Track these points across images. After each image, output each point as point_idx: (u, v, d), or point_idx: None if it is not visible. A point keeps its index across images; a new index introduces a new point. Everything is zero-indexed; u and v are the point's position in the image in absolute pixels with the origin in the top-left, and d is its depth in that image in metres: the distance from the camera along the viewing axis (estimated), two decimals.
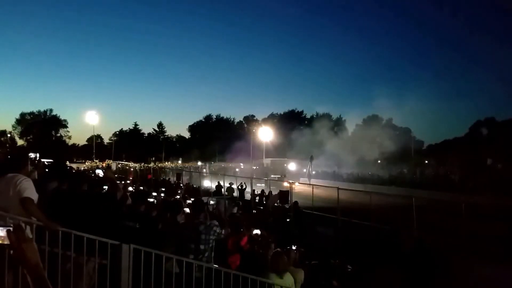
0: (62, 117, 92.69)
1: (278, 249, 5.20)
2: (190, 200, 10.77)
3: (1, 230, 1.57)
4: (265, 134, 67.83)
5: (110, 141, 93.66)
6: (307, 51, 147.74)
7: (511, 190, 25.05)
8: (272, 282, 4.68)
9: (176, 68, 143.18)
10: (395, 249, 9.60)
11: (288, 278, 4.92)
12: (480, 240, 10.18)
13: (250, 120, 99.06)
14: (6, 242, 1.56)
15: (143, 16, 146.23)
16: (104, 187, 6.61)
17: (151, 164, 56.10)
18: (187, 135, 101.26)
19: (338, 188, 14.52)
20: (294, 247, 6.63)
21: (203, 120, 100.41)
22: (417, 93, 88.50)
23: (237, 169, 55.63)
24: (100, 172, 6.62)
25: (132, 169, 40.71)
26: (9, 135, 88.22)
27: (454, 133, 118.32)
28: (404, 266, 8.13)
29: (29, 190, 4.02)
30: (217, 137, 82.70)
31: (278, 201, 17.31)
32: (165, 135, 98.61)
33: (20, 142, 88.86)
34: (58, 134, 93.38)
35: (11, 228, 1.56)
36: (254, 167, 59.32)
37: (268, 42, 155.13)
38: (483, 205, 17.06)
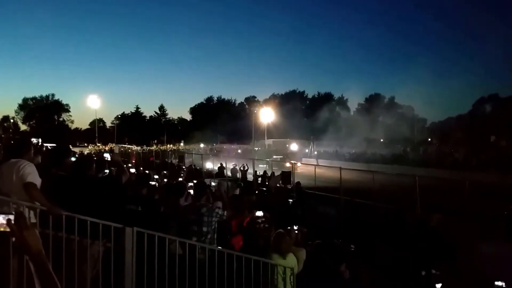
0: (64, 102, 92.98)
1: (281, 230, 5.19)
2: (192, 182, 10.75)
3: (2, 217, 1.56)
4: (267, 115, 67.52)
5: (112, 125, 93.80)
6: (308, 31, 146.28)
7: None
8: (275, 263, 4.69)
9: (177, 51, 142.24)
10: (398, 228, 9.62)
11: (291, 259, 4.94)
12: (484, 218, 10.17)
13: (251, 101, 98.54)
14: (8, 229, 1.54)
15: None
16: (106, 170, 6.60)
17: (153, 147, 56.28)
18: (188, 117, 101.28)
19: (341, 168, 14.47)
20: (295, 227, 6.64)
21: (204, 102, 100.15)
22: (420, 71, 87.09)
23: (239, 150, 55.72)
24: (107, 156, 6.61)
25: (134, 152, 40.86)
26: (12, 121, 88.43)
27: (457, 110, 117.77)
28: (408, 245, 8.16)
29: (32, 175, 4.01)
30: (218, 118, 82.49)
31: (281, 182, 17.30)
32: (167, 118, 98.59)
33: (23, 127, 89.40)
34: (61, 119, 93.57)
35: (11, 217, 1.54)
36: (257, 148, 59.35)
37: (268, 22, 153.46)
38: (487, 183, 17.00)
